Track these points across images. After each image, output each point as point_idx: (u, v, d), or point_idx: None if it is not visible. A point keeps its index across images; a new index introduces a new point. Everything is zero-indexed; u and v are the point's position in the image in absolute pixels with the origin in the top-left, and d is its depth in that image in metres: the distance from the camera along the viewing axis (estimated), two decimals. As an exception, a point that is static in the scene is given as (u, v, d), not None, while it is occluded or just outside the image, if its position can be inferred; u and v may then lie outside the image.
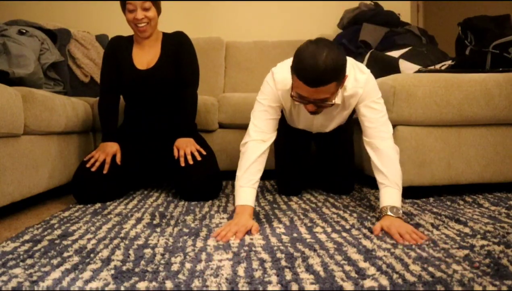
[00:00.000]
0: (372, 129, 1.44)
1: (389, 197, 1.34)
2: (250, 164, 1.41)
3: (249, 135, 1.48)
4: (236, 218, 1.31)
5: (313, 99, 1.30)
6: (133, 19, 1.87)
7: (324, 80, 1.22)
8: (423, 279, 0.87)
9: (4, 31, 2.13)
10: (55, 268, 0.96)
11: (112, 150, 1.87)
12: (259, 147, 1.45)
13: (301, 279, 0.88)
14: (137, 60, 1.99)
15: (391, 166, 1.38)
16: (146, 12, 1.86)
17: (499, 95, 1.77)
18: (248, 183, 1.39)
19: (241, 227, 1.24)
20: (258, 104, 1.52)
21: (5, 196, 1.49)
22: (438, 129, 1.78)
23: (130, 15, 1.87)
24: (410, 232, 1.18)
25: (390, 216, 1.28)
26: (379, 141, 1.42)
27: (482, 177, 1.82)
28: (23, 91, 1.68)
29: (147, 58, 2.00)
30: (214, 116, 2.40)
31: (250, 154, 1.43)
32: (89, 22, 3.21)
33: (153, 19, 1.90)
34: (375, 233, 1.22)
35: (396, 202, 1.32)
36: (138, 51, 2.01)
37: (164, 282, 0.88)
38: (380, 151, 1.40)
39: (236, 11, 3.34)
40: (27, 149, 1.66)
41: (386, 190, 1.36)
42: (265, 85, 1.53)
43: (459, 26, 2.22)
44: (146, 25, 1.89)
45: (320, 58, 1.20)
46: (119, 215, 1.53)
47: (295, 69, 1.27)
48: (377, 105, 1.46)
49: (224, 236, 1.20)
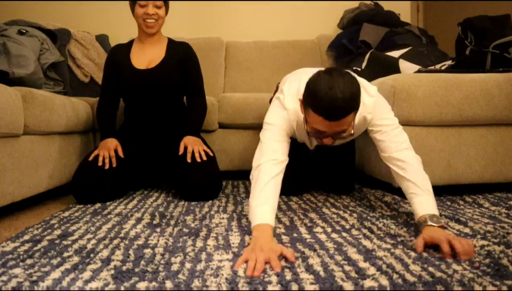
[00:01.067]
0: (387, 143, 1.36)
1: (426, 205, 1.19)
2: (264, 184, 1.22)
3: (260, 159, 1.30)
4: (257, 242, 1.03)
5: (332, 132, 1.24)
6: (143, 14, 1.94)
7: (344, 112, 1.17)
8: (423, 279, 0.87)
9: (4, 31, 2.13)
10: (55, 268, 0.96)
11: (112, 145, 1.89)
12: (273, 168, 1.27)
13: (301, 279, 0.88)
14: (135, 60, 2.02)
15: (418, 174, 1.27)
16: (157, 9, 1.94)
17: (499, 95, 1.77)
18: (265, 202, 1.18)
19: (271, 253, 0.97)
20: (269, 127, 1.39)
21: (5, 196, 1.49)
22: (438, 129, 1.78)
23: (140, 10, 1.93)
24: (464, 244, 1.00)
25: (431, 226, 1.11)
26: (397, 153, 1.33)
27: (482, 177, 1.82)
28: (23, 91, 1.68)
29: (147, 58, 2.02)
30: (214, 116, 2.40)
31: (264, 175, 1.25)
32: (89, 22, 3.21)
33: (161, 18, 1.98)
34: (419, 250, 1.03)
35: (434, 210, 1.18)
36: (137, 52, 2.05)
37: (164, 282, 0.88)
38: (402, 162, 1.30)
39: (236, 11, 3.34)
40: (27, 149, 1.66)
41: (420, 199, 1.21)
42: (275, 111, 1.43)
43: (459, 26, 2.22)
44: (154, 22, 1.96)
45: (338, 89, 1.14)
46: (119, 215, 1.53)
47: (312, 104, 1.19)
48: (387, 120, 1.39)
49: (256, 269, 0.91)
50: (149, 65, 2.00)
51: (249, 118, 2.39)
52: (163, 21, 2.01)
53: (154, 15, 1.94)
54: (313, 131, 1.27)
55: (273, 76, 2.96)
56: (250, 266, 0.93)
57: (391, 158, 1.34)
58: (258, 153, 1.34)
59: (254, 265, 0.93)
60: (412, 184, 1.25)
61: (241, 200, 1.82)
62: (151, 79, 1.97)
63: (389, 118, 1.40)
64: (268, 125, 1.40)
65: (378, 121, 1.39)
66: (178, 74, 2.02)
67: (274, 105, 1.47)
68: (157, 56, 2.02)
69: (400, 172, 1.30)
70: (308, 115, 1.24)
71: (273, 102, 1.49)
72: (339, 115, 1.17)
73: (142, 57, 2.02)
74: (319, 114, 1.19)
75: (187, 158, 1.85)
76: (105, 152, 1.85)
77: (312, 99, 1.19)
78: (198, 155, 1.86)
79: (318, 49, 3.10)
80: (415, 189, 1.24)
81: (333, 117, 1.18)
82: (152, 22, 1.96)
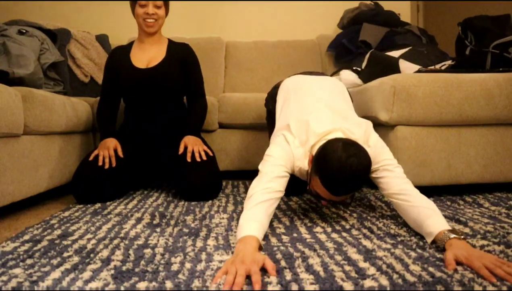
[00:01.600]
0: (390, 179, 1.31)
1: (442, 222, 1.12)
2: (255, 204, 1.18)
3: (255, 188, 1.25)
4: (238, 254, 0.96)
5: (333, 201, 1.30)
6: (143, 14, 1.96)
7: (350, 192, 1.23)
8: (423, 279, 0.87)
9: (4, 31, 2.13)
10: (55, 268, 0.96)
11: (112, 144, 1.91)
12: (266, 195, 1.21)
13: (301, 279, 0.88)
14: (135, 59, 2.04)
15: (425, 200, 1.22)
16: (156, 9, 1.97)
17: (499, 95, 1.77)
18: (254, 218, 1.12)
19: (252, 265, 0.90)
20: (271, 160, 1.33)
21: (5, 196, 1.49)
22: (438, 129, 1.78)
23: (140, 9, 1.96)
24: (500, 264, 0.91)
25: (455, 239, 1.04)
26: (401, 187, 1.28)
27: (482, 177, 1.82)
28: (23, 91, 1.68)
29: (147, 58, 2.04)
30: (214, 116, 2.40)
31: (256, 199, 1.20)
32: (89, 22, 3.21)
33: (161, 18, 2.00)
34: (450, 268, 0.93)
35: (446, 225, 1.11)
36: (137, 51, 2.07)
37: (164, 282, 0.88)
38: (406, 195, 1.24)
39: (236, 11, 3.34)
40: (27, 149, 1.66)
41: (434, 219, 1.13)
42: (281, 146, 1.36)
43: (459, 26, 2.22)
44: (154, 22, 1.99)
45: (350, 169, 1.15)
46: (119, 215, 1.53)
47: (321, 176, 1.20)
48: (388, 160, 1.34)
49: (235, 284, 0.84)
50: (149, 64, 2.02)
51: (249, 118, 2.39)
52: (163, 21, 2.03)
53: (154, 15, 1.97)
54: (314, 192, 1.30)
55: (273, 76, 2.95)
56: (228, 281, 0.85)
57: (395, 193, 1.28)
58: (255, 183, 1.28)
59: (233, 279, 0.85)
60: (422, 208, 1.18)
61: (241, 200, 1.82)
62: (150, 78, 1.98)
63: (390, 159, 1.36)
64: (270, 158, 1.33)
65: (378, 164, 1.34)
66: (178, 74, 2.03)
67: (280, 140, 1.38)
68: (157, 56, 2.04)
69: (406, 203, 1.24)
70: (314, 180, 1.25)
71: (278, 138, 1.40)
72: (345, 193, 1.23)
73: (142, 56, 2.04)
74: (326, 189, 1.21)
75: (187, 157, 1.85)
76: (104, 152, 1.86)
77: (322, 169, 1.20)
78: (198, 155, 1.87)
79: (318, 49, 3.10)
80: (427, 211, 1.17)
81: (339, 194, 1.22)
82: (152, 22, 1.98)
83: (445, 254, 0.99)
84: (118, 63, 2.05)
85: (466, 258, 0.95)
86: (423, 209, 1.18)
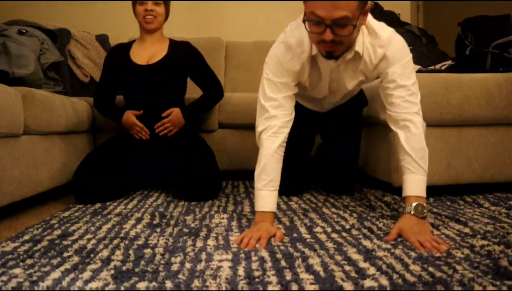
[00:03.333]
0: (399, 100, 1.27)
1: (415, 185, 1.22)
2: (266, 161, 1.29)
3: (261, 121, 1.33)
4: (256, 224, 1.23)
5: (331, 20, 1.12)
6: (142, 11, 2.00)
7: None
8: (423, 279, 0.87)
9: (4, 31, 2.13)
10: (55, 268, 0.96)
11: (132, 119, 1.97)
12: (274, 141, 1.30)
13: (301, 279, 0.88)
14: (135, 56, 2.05)
15: (418, 147, 1.24)
16: (155, 6, 2.00)
17: (499, 95, 1.77)
18: (266, 185, 1.28)
19: (264, 233, 1.15)
20: (268, 83, 1.34)
21: (5, 196, 1.49)
22: (438, 129, 1.78)
23: (140, 7, 2.00)
24: (430, 240, 1.08)
25: (411, 216, 1.17)
26: (406, 116, 1.27)
27: (482, 177, 1.82)
28: (23, 91, 1.68)
29: (147, 54, 2.04)
30: (214, 116, 2.40)
31: (265, 150, 1.30)
32: (89, 22, 3.20)
33: (160, 15, 2.02)
34: (389, 238, 1.13)
35: (422, 192, 1.21)
36: (137, 49, 2.08)
37: (164, 282, 0.88)
38: (407, 130, 1.26)
39: (236, 11, 3.34)
40: (27, 149, 1.66)
41: (411, 176, 1.23)
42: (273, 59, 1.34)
43: (459, 26, 2.22)
44: (153, 18, 2.01)
45: None
46: (119, 215, 1.53)
47: None
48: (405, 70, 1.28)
49: (247, 244, 1.11)
50: (149, 61, 2.02)
51: (249, 118, 2.38)
52: (162, 18, 2.05)
53: (152, 11, 1.99)
54: (311, 22, 1.16)
55: (273, 76, 2.95)
56: (243, 242, 1.12)
57: (397, 120, 1.27)
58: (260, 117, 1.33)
59: (247, 241, 1.11)
60: (409, 157, 1.23)
61: (241, 200, 1.82)
62: (150, 75, 1.99)
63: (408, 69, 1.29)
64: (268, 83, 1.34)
65: (397, 69, 1.28)
66: (180, 72, 2.05)
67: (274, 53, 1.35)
68: (158, 53, 2.04)
69: (401, 139, 1.26)
70: (306, 2, 1.15)
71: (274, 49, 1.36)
72: None
73: (143, 53, 2.05)
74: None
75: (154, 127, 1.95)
76: (134, 129, 1.96)
77: None
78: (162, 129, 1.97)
79: (318, 49, 3.09)
80: (411, 164, 1.23)
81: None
82: (151, 18, 2.00)
83: (393, 226, 1.18)
84: (117, 59, 2.07)
85: (406, 233, 1.13)
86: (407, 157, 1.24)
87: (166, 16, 2.08)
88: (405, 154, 1.26)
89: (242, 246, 1.10)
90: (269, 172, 1.29)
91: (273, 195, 1.28)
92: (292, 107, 1.36)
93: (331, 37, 1.15)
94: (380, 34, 1.30)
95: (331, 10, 1.10)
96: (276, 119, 1.32)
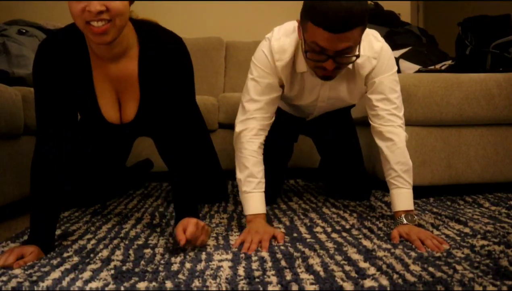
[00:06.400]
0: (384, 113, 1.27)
1: (403, 200, 1.25)
2: (250, 164, 1.27)
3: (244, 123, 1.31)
4: (253, 225, 1.19)
5: (334, 51, 1.09)
6: (80, 12, 1.02)
7: (350, 22, 1.03)
8: (423, 279, 0.87)
9: (4, 31, 2.13)
10: (55, 268, 0.96)
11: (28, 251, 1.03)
12: (254, 142, 1.30)
13: (301, 279, 0.88)
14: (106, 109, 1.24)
15: (402, 159, 1.26)
16: (106, 1, 1.00)
17: (499, 95, 1.77)
18: (255, 187, 1.26)
19: (264, 235, 1.13)
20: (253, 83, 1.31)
21: (5, 196, 1.49)
22: (438, 129, 1.78)
23: (76, 6, 1.02)
24: (430, 238, 1.11)
25: (405, 224, 1.21)
26: (391, 128, 1.27)
27: (482, 177, 1.82)
28: (23, 91, 1.68)
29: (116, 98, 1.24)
30: (214, 116, 2.40)
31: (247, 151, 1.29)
32: (89, 22, 3.20)
33: (118, 15, 1.03)
34: (394, 241, 1.14)
35: (410, 205, 1.24)
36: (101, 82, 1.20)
37: (164, 282, 0.88)
38: (392, 143, 1.26)
39: (236, 11, 3.33)
40: (27, 149, 1.66)
41: (398, 191, 1.25)
42: (260, 58, 1.30)
43: (459, 26, 2.22)
44: (105, 24, 1.02)
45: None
46: (119, 215, 1.53)
47: (312, 14, 1.06)
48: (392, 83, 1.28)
49: (249, 249, 1.08)
50: (124, 117, 1.27)
51: (249, 118, 2.38)
52: (125, 18, 1.06)
53: (102, 14, 1.01)
54: (311, 52, 1.12)
55: (273, 76, 2.95)
56: (245, 247, 1.09)
57: (382, 132, 1.28)
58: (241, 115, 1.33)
59: (248, 246, 1.09)
60: (394, 172, 1.26)
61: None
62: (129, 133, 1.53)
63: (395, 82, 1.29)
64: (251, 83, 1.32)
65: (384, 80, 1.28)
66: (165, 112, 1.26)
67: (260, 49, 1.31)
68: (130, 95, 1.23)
69: (385, 153, 1.27)
70: (307, 31, 1.10)
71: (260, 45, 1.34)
72: (343, 26, 1.04)
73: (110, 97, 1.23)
74: (319, 25, 1.05)
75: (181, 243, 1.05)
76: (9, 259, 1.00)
77: (311, 8, 1.07)
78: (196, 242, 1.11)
79: (318, 49, 3.09)
80: (396, 179, 1.26)
81: (336, 27, 1.04)
82: (102, 26, 1.02)
83: (392, 231, 1.19)
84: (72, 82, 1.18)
85: (406, 233, 1.15)
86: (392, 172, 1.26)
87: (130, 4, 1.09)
88: (390, 168, 1.27)
89: (243, 251, 1.08)
90: (255, 174, 1.27)
91: (262, 197, 1.27)
92: (273, 111, 1.35)
93: (333, 67, 1.14)
94: (374, 46, 1.29)
95: (336, 43, 1.07)
96: (255, 121, 1.31)
